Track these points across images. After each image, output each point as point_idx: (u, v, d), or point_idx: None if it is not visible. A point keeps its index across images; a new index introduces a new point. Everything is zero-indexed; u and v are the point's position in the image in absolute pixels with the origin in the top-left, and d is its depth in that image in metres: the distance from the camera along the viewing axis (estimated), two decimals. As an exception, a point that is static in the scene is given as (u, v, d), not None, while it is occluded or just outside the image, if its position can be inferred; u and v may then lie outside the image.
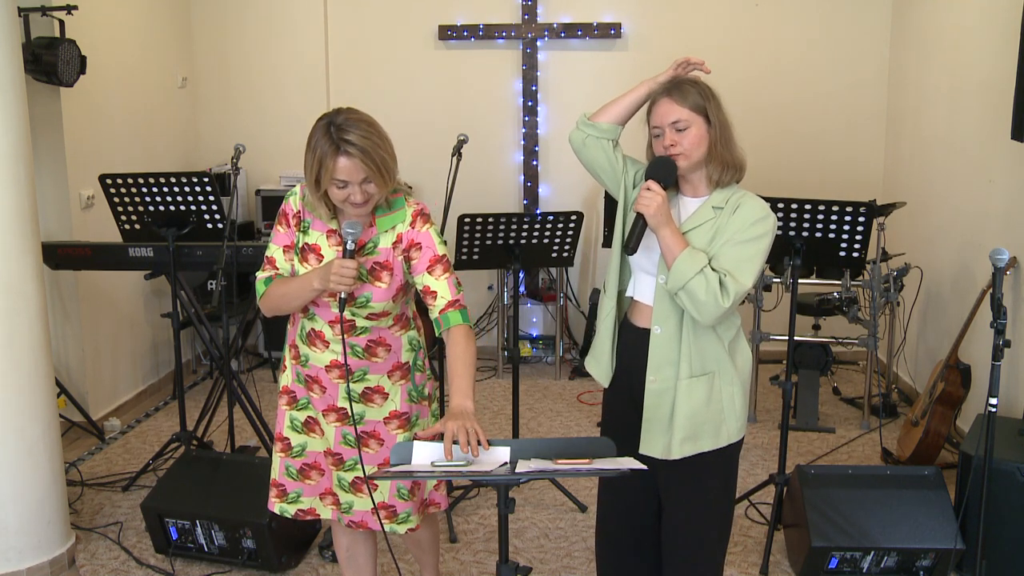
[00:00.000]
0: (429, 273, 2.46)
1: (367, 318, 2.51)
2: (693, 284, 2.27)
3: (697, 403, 2.39)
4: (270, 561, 3.39)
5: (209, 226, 3.96)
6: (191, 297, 4.40)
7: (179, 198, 3.89)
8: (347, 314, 2.48)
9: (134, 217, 3.98)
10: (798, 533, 3.39)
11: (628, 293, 2.54)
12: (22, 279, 3.26)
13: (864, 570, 3.30)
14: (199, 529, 3.45)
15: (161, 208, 3.92)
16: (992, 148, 4.31)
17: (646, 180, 2.36)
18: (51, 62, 4.19)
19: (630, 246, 2.39)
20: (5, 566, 3.29)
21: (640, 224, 2.36)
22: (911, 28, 5.49)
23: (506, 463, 2.07)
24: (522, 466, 2.01)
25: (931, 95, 5.14)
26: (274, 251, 2.55)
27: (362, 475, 2.60)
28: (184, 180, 3.87)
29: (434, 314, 2.47)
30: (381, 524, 2.57)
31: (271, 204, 5.85)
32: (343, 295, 2.36)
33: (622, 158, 2.52)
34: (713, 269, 2.29)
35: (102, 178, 3.93)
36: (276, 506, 2.71)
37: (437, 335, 2.49)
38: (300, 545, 3.57)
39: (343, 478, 2.64)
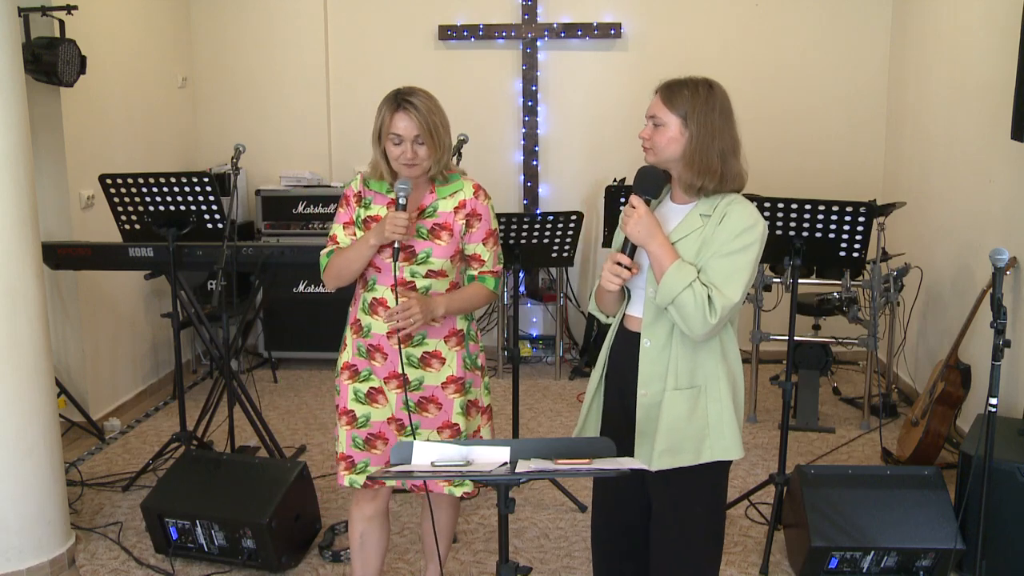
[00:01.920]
0: (483, 243, 2.74)
1: (426, 276, 2.70)
2: (682, 298, 2.23)
3: (678, 416, 2.34)
4: (270, 561, 3.39)
5: (209, 226, 3.96)
6: (191, 297, 4.40)
7: (179, 198, 3.89)
8: (407, 273, 2.68)
9: (134, 217, 3.98)
10: (798, 533, 3.39)
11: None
12: (22, 279, 3.26)
13: (864, 570, 3.30)
14: (199, 529, 3.45)
15: (161, 208, 3.92)
16: (992, 148, 4.31)
17: (632, 195, 2.34)
18: (51, 62, 4.19)
19: (626, 253, 2.35)
20: (5, 566, 3.29)
21: (629, 243, 2.34)
22: (911, 28, 5.49)
23: (506, 463, 2.07)
24: (522, 466, 2.01)
25: (931, 95, 5.14)
26: (336, 229, 2.78)
27: (423, 439, 2.67)
28: (184, 180, 3.87)
29: (472, 273, 2.77)
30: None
31: (271, 204, 5.85)
32: (397, 244, 2.58)
33: None
34: (702, 283, 2.26)
35: (102, 178, 3.93)
36: (346, 478, 2.81)
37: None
38: (300, 545, 3.57)
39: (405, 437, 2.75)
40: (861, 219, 3.69)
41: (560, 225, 4.07)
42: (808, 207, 3.66)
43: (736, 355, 2.43)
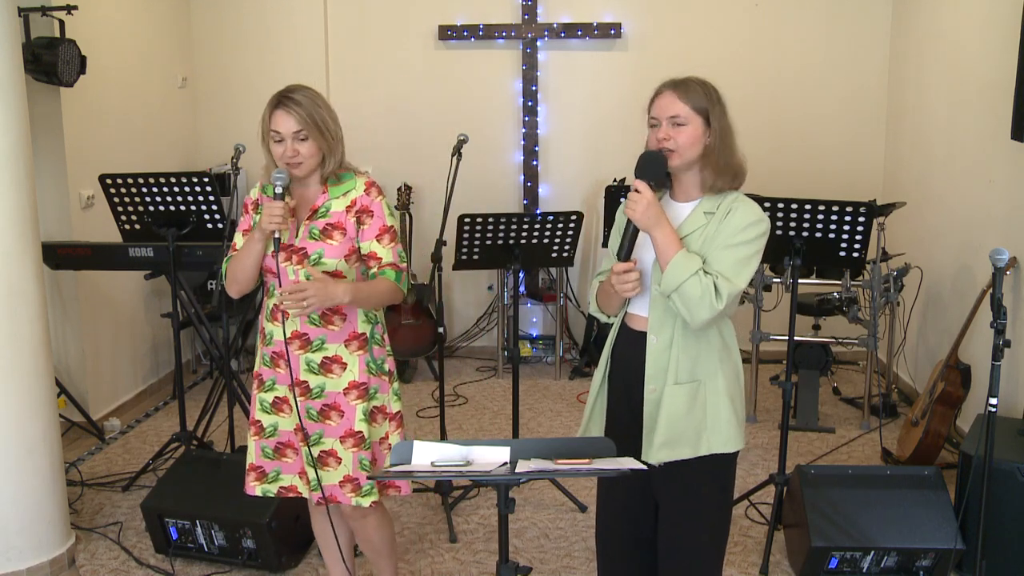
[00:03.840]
0: (377, 240, 2.66)
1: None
2: (687, 286, 2.24)
3: (678, 409, 2.35)
4: (270, 561, 3.39)
5: (209, 226, 3.96)
6: (191, 297, 4.40)
7: (179, 198, 3.89)
8: (302, 275, 2.62)
9: (134, 217, 3.98)
10: (798, 533, 3.39)
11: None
12: (22, 279, 3.26)
13: (864, 570, 3.30)
14: (199, 529, 3.45)
15: (161, 208, 3.92)
16: (992, 148, 4.31)
17: (636, 179, 2.31)
18: (51, 62, 4.19)
19: (622, 252, 2.34)
20: (5, 566, 3.29)
21: (632, 229, 2.32)
22: (911, 27, 5.49)
23: (506, 463, 2.07)
24: (522, 466, 2.01)
25: (931, 95, 5.14)
26: (236, 237, 2.78)
27: (325, 449, 2.70)
28: (184, 180, 3.87)
29: (373, 271, 2.67)
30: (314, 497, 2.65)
31: (271, 204, 5.84)
32: (276, 235, 2.55)
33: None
34: (707, 272, 2.26)
35: (102, 178, 3.93)
36: (257, 488, 2.81)
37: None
38: (300, 545, 3.57)
39: (308, 453, 2.71)
40: (861, 219, 3.69)
41: (560, 225, 4.07)
42: (808, 207, 3.66)
43: (736, 349, 2.44)
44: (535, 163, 6.02)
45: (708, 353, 2.37)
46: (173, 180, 3.87)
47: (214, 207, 3.92)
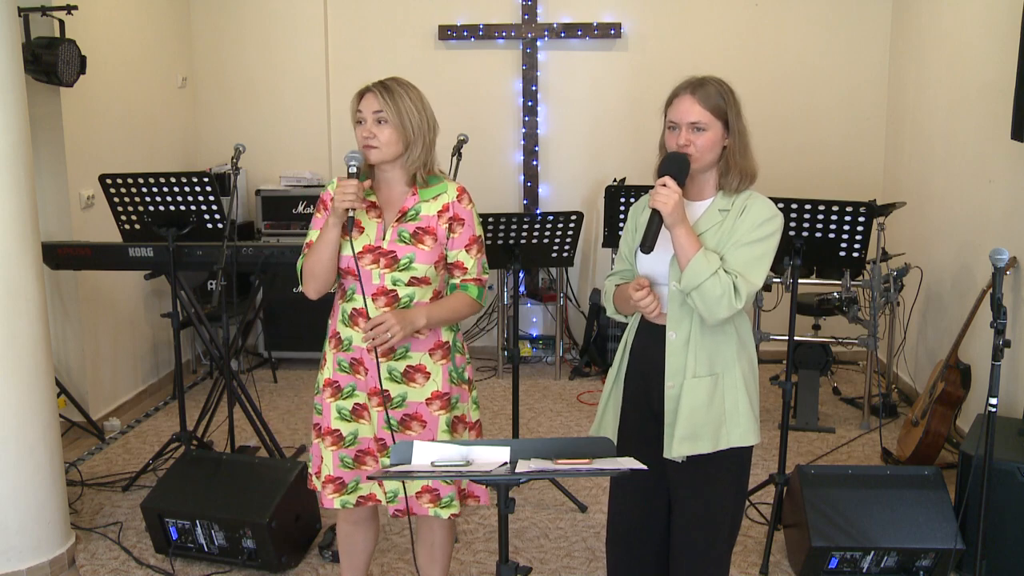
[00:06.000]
0: (466, 250, 2.60)
1: (408, 284, 2.55)
2: (707, 285, 2.26)
3: (698, 403, 2.38)
4: (270, 561, 3.39)
5: (209, 226, 3.96)
6: (191, 297, 4.40)
7: (179, 198, 3.89)
8: (389, 281, 2.54)
9: (134, 217, 3.98)
10: (798, 533, 3.39)
11: None
12: (22, 279, 3.26)
13: (864, 570, 3.30)
14: (199, 529, 3.45)
15: (161, 208, 3.92)
16: (992, 148, 4.31)
17: (660, 176, 2.32)
18: (51, 62, 4.19)
19: (646, 244, 2.35)
20: (5, 566, 3.29)
21: (656, 222, 2.33)
22: (911, 27, 5.49)
23: (506, 463, 2.07)
24: (522, 466, 2.01)
25: (931, 95, 5.14)
26: (311, 235, 2.65)
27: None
28: (184, 180, 3.87)
29: (455, 282, 2.63)
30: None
31: (271, 204, 5.85)
32: (351, 214, 2.46)
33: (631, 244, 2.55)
34: (726, 271, 2.29)
35: (102, 178, 3.93)
36: (336, 501, 2.67)
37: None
38: (300, 545, 3.57)
39: (387, 463, 2.62)
40: (861, 219, 3.69)
41: (560, 225, 4.07)
42: (808, 207, 3.66)
43: (751, 342, 2.47)
44: (535, 163, 6.02)
45: (726, 347, 2.40)
46: (173, 180, 3.86)
47: (214, 207, 3.92)
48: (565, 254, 4.19)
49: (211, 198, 3.89)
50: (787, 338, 3.70)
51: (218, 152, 5.98)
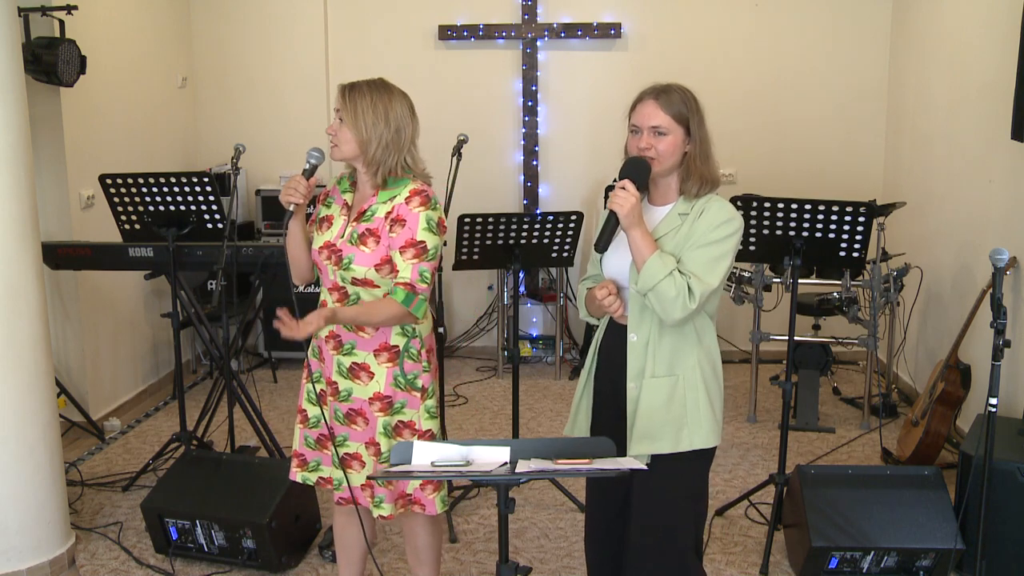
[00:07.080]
0: (400, 252, 2.55)
1: (353, 284, 2.60)
2: (662, 286, 2.29)
3: (657, 403, 2.40)
4: (270, 561, 3.39)
5: (209, 226, 3.96)
6: (191, 297, 4.40)
7: (179, 198, 3.89)
8: (337, 278, 2.62)
9: (134, 217, 3.98)
10: (798, 533, 3.39)
11: None
12: (22, 279, 3.26)
13: (864, 570, 3.30)
14: (199, 529, 3.45)
15: (161, 208, 3.92)
16: (992, 148, 4.31)
17: (620, 179, 2.35)
18: (51, 62, 4.19)
19: (601, 244, 2.40)
20: (5, 566, 3.29)
21: (612, 223, 2.37)
22: (912, 28, 5.49)
23: (506, 463, 2.07)
24: (522, 466, 2.01)
25: (931, 95, 5.14)
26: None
27: (350, 451, 2.70)
28: (184, 180, 3.86)
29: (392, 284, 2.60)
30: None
31: (271, 204, 5.85)
32: (291, 209, 2.56)
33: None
34: (681, 272, 2.31)
35: (102, 178, 3.93)
36: (298, 475, 2.81)
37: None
38: (300, 545, 3.57)
39: (335, 453, 2.71)
40: (861, 219, 3.69)
41: (560, 225, 4.07)
42: (808, 207, 3.66)
43: (714, 343, 2.48)
44: (535, 163, 6.02)
45: (686, 348, 2.42)
46: (173, 180, 3.86)
47: (214, 207, 3.91)
48: (565, 254, 4.18)
49: (211, 198, 3.89)
50: (787, 338, 3.70)
51: (218, 152, 5.98)
